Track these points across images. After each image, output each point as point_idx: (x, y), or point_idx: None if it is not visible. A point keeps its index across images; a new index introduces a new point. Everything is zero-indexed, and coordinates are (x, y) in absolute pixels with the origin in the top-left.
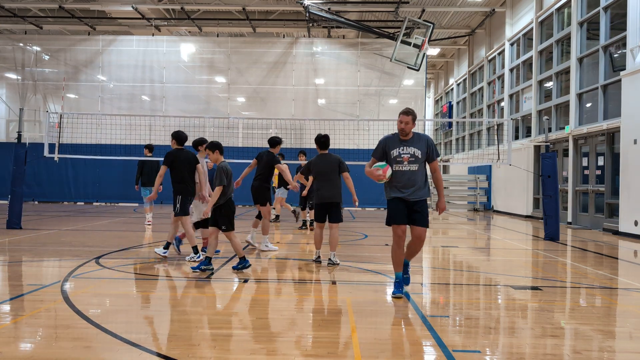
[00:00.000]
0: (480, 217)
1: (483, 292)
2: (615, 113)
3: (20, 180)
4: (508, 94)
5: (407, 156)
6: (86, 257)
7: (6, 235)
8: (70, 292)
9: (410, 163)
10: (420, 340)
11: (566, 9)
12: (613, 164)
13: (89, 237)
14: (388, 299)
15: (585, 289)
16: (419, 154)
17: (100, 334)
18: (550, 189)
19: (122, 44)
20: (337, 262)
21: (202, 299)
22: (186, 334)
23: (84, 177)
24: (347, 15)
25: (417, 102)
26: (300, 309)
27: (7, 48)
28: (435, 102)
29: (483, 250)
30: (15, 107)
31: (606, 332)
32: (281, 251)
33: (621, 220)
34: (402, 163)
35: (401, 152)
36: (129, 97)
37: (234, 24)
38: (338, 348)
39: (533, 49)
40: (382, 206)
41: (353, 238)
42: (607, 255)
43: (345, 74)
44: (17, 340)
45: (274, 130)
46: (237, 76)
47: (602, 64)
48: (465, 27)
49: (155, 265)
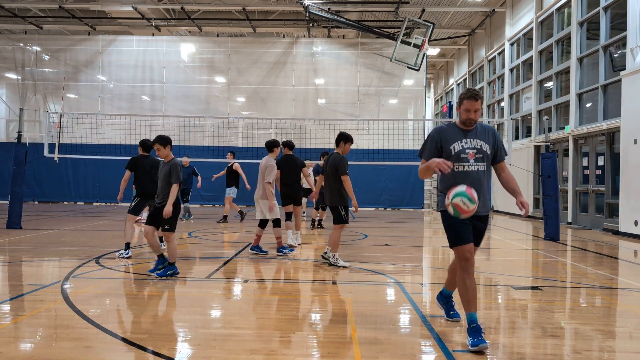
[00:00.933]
0: None
1: (483, 292)
2: (615, 113)
3: (20, 180)
4: (508, 94)
5: (472, 152)
6: (86, 257)
7: (6, 235)
8: (70, 292)
9: (478, 161)
10: (420, 340)
11: (566, 9)
12: (613, 164)
13: (89, 237)
14: (388, 299)
15: (585, 289)
16: (487, 148)
17: (100, 334)
18: (550, 189)
19: (122, 44)
20: (333, 261)
21: (202, 299)
22: (186, 334)
23: (84, 177)
24: (347, 15)
25: (417, 102)
26: (300, 309)
27: (7, 48)
28: (435, 102)
29: (483, 250)
30: (15, 107)
31: (606, 332)
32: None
33: (621, 220)
34: (466, 161)
35: (465, 147)
36: (129, 97)
37: (234, 24)
38: (338, 348)
39: (533, 49)
40: (382, 206)
41: (353, 238)
42: (607, 255)
43: (345, 74)
44: (17, 340)
45: (273, 130)
46: (237, 76)
47: (602, 64)
48: (465, 27)
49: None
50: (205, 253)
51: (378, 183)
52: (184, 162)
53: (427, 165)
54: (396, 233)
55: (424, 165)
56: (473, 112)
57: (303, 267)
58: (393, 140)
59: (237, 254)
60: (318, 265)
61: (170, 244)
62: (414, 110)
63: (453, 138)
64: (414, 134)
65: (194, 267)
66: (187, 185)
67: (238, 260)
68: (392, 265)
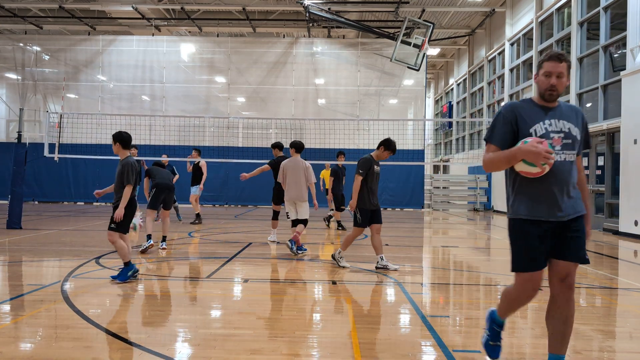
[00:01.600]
0: (480, 217)
1: (483, 292)
2: (615, 113)
3: (20, 180)
4: (508, 94)
5: (559, 136)
6: (86, 257)
7: (6, 235)
8: (70, 292)
9: (566, 148)
10: (420, 340)
11: (566, 9)
12: (613, 164)
13: (89, 237)
14: (388, 299)
15: (585, 289)
16: (576, 132)
17: (100, 334)
18: None
19: (122, 44)
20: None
21: (202, 299)
22: (186, 334)
23: (84, 177)
24: (347, 15)
25: (417, 102)
26: (300, 308)
27: (7, 48)
28: (436, 102)
29: (483, 250)
30: (15, 107)
31: (606, 332)
32: (283, 251)
33: (621, 220)
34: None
35: (549, 129)
36: (129, 97)
37: (234, 24)
38: (338, 348)
39: (533, 49)
40: (382, 206)
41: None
42: (607, 255)
43: (345, 74)
44: (17, 340)
45: (273, 130)
46: (237, 76)
47: (602, 64)
48: (465, 27)
49: (155, 266)
50: (205, 253)
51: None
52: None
53: (512, 154)
54: (396, 233)
55: (499, 154)
56: (555, 77)
57: (303, 267)
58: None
59: (237, 254)
60: (318, 266)
61: (115, 244)
62: (414, 110)
63: (534, 117)
64: (414, 134)
65: (194, 267)
66: None
67: (238, 260)
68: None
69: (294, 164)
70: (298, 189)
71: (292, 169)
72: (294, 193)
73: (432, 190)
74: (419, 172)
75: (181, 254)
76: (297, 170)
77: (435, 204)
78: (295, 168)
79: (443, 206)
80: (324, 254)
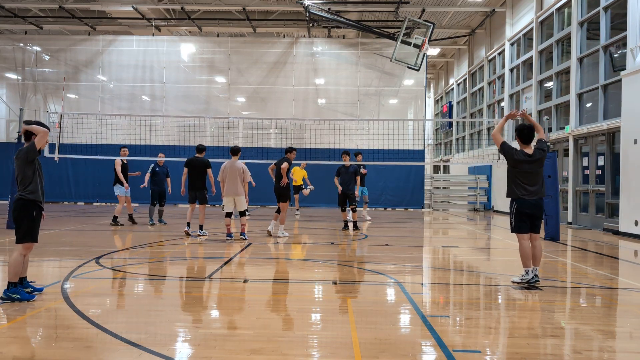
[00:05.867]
0: (480, 217)
1: (483, 292)
2: (615, 113)
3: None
4: (508, 94)
5: None
6: (86, 257)
7: (6, 235)
8: (70, 292)
9: None
10: (420, 340)
11: (566, 9)
12: (613, 164)
13: (89, 237)
14: (388, 299)
15: (585, 289)
16: None
17: (100, 334)
18: (551, 189)
19: (122, 44)
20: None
21: (202, 299)
22: (186, 334)
23: (84, 177)
24: (347, 15)
25: (417, 102)
26: (300, 308)
27: (7, 48)
28: (436, 102)
29: (483, 250)
30: (16, 107)
31: (606, 332)
32: (284, 251)
33: (621, 220)
34: None
35: None
36: (129, 97)
37: (234, 24)
38: (338, 348)
39: (533, 49)
40: (382, 206)
41: (353, 238)
42: (607, 255)
43: (345, 74)
44: (17, 340)
45: (274, 130)
46: (237, 76)
47: (602, 64)
48: (466, 27)
49: (155, 266)
50: (205, 253)
51: (378, 183)
52: (158, 161)
53: None
54: (396, 233)
55: None
56: None
57: (303, 267)
58: (393, 140)
59: (237, 254)
60: (318, 266)
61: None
62: (414, 110)
63: None
64: (414, 134)
65: (194, 267)
66: (162, 187)
67: (238, 260)
68: (393, 265)
69: (231, 166)
70: (235, 186)
71: (230, 169)
72: (232, 189)
73: (432, 190)
74: (419, 172)
75: (181, 254)
76: (234, 170)
77: (436, 204)
78: (232, 168)
79: (443, 206)
80: (324, 254)
